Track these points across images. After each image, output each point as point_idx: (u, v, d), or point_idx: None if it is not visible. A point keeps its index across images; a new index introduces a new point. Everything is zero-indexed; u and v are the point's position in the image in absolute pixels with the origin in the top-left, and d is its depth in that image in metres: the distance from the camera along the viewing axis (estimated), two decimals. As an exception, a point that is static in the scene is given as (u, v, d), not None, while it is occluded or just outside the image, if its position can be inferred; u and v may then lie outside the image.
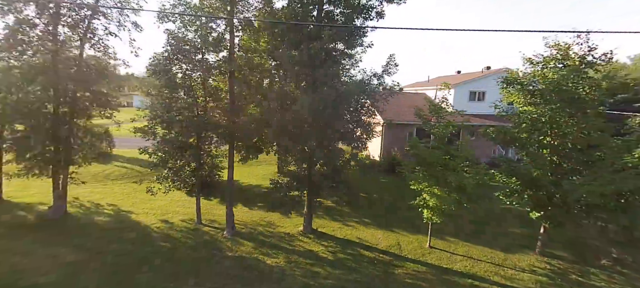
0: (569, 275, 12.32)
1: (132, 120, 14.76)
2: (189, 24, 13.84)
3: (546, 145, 12.61)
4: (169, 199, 18.02)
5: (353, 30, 12.83)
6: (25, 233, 13.77)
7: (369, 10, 13.31)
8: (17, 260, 11.73)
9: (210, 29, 13.77)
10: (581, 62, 11.39)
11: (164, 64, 13.91)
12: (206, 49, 14.00)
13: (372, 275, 12.06)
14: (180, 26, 13.84)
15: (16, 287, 10.34)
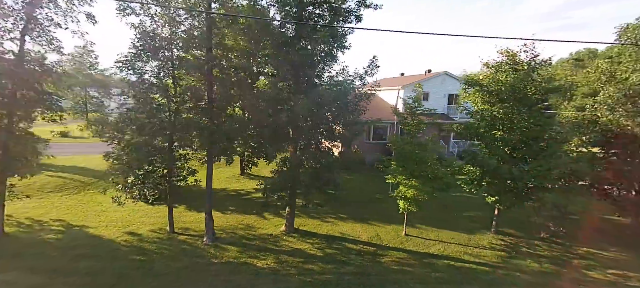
0: (521, 248, 14.56)
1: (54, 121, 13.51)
2: (157, 17, 12.83)
3: (500, 138, 14.68)
4: (128, 210, 16.35)
5: (336, 33, 13.26)
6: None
7: (349, 14, 13.94)
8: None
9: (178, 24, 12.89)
10: (528, 67, 13.57)
11: (132, 61, 12.70)
12: (175, 44, 13.11)
13: (363, 266, 12.71)
14: (148, 19, 12.72)
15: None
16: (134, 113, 13.00)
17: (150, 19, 12.80)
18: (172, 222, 14.65)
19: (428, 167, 13.72)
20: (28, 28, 12.47)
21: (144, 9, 12.57)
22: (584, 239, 15.17)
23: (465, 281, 12.00)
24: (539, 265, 13.18)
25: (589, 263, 13.40)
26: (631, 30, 14.94)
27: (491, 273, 12.54)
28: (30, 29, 12.59)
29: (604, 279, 12.28)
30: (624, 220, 16.78)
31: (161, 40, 12.63)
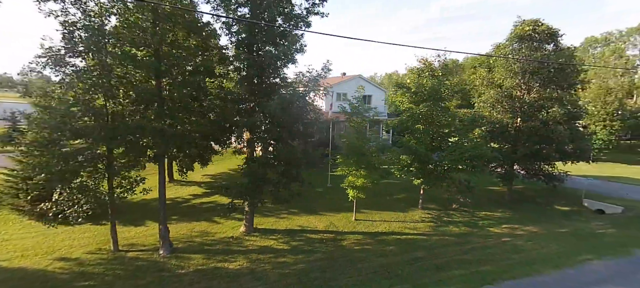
0: (442, 218, 18.03)
1: None
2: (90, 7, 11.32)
3: (423, 130, 17.86)
4: (38, 235, 13.81)
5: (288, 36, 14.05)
6: None
7: (298, 19, 14.90)
8: None
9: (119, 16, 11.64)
10: (442, 73, 17.02)
11: (61, 56, 10.91)
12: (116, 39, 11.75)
13: (329, 251, 13.89)
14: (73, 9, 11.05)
15: None
16: (68, 118, 11.10)
17: (80, 10, 11.16)
18: (115, 239, 13.00)
19: (374, 158, 15.82)
20: None
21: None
22: (482, 205, 19.76)
23: (411, 249, 14.38)
24: (458, 229, 16.70)
25: (489, 222, 17.64)
26: (502, 47, 20.17)
27: (428, 240, 15.32)
28: None
29: (501, 232, 16.44)
30: (503, 188, 22.38)
31: (97, 34, 11.10)
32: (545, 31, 18.89)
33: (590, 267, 11.74)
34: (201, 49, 13.59)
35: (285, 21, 14.30)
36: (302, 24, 14.85)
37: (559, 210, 20.39)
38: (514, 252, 13.72)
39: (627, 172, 32.82)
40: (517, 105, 19.76)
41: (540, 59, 18.39)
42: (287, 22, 14.33)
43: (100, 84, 11.12)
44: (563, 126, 18.24)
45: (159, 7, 11.79)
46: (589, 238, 15.30)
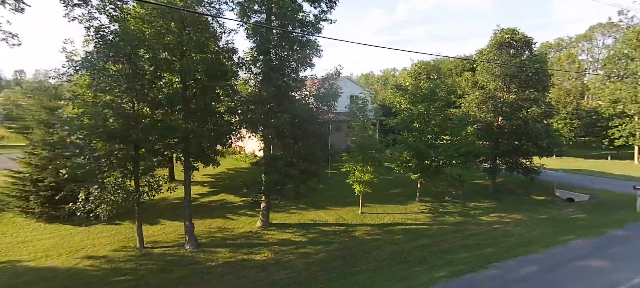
0: (438, 209, 19.67)
1: None
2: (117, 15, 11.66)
3: (420, 129, 19.40)
4: (55, 236, 13.81)
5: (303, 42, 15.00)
6: None
7: (308, 26, 15.87)
8: None
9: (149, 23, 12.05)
10: (437, 76, 18.65)
11: (97, 61, 11.18)
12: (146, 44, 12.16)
13: (344, 242, 14.97)
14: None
15: None
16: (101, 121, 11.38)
17: (108, 16, 11.46)
18: (141, 236, 13.30)
19: (380, 155, 17.11)
20: None
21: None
22: (470, 197, 21.69)
23: (417, 237, 15.79)
24: (454, 218, 18.38)
25: (479, 211, 19.51)
26: (484, 53, 22.22)
27: (430, 229, 16.82)
28: None
29: (491, 220, 18.30)
30: (486, 181, 24.54)
31: (130, 40, 11.44)
32: (522, 39, 21.16)
33: (573, 245, 13.70)
34: (223, 54, 14.17)
35: (299, 27, 15.22)
36: (313, 29, 15.89)
37: (536, 199, 22.81)
38: (506, 237, 15.51)
39: (585, 165, 36.68)
40: (499, 106, 21.90)
41: (517, 64, 20.57)
42: (299, 27, 15.25)
43: (133, 88, 11.48)
44: (540, 124, 20.58)
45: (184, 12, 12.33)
46: (566, 223, 17.50)
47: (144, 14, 11.91)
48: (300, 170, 14.04)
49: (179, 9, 11.51)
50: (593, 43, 70.56)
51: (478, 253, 13.14)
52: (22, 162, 15.02)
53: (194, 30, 12.38)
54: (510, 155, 21.89)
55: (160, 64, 11.70)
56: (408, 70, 19.74)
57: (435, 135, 19.34)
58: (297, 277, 11.83)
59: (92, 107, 11.46)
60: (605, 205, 20.96)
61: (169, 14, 11.79)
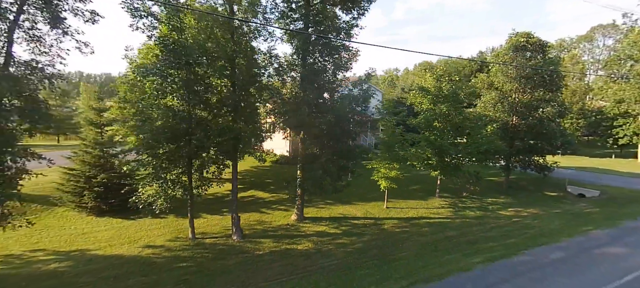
0: (458, 204, 20.77)
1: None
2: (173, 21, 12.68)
3: (438, 127, 20.46)
4: (101, 228, 14.95)
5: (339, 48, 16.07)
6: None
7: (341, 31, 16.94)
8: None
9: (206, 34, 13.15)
10: (460, 80, 19.72)
11: (160, 67, 12.25)
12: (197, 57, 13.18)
13: (376, 233, 16.04)
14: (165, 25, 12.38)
15: None
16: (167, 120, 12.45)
17: (169, 27, 12.49)
18: (193, 228, 14.38)
19: (406, 152, 18.19)
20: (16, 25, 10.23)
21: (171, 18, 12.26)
22: (486, 193, 22.77)
23: (443, 230, 16.84)
24: (474, 213, 19.45)
25: (497, 206, 20.59)
26: (500, 55, 23.29)
27: (453, 222, 17.89)
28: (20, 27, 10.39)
29: (509, 214, 19.38)
30: (500, 178, 25.63)
31: (192, 49, 12.49)
32: (537, 43, 22.24)
33: (593, 235, 14.80)
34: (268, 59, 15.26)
35: (334, 32, 16.29)
36: (345, 35, 16.97)
37: (549, 195, 23.89)
38: (527, 229, 16.58)
39: (591, 163, 37.78)
40: (514, 106, 22.98)
41: (533, 66, 21.66)
42: (335, 33, 16.32)
43: (193, 91, 12.56)
44: (554, 123, 21.69)
45: (233, 21, 13.43)
46: (581, 216, 18.59)
47: (205, 26, 12.99)
48: (338, 166, 15.09)
49: (242, 20, 12.57)
50: (594, 44, 71.78)
51: (505, 243, 14.22)
52: (77, 160, 16.07)
53: (246, 39, 13.45)
54: (525, 153, 22.97)
55: (220, 70, 12.75)
56: (411, 70, 20.76)
57: (456, 133, 20.42)
58: (340, 263, 12.87)
59: (156, 110, 12.54)
60: (615, 200, 22.04)
61: (224, 24, 12.85)
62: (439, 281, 10.46)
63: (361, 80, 16.40)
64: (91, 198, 15.63)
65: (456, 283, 10.22)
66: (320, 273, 12.00)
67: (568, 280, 10.30)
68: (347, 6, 16.39)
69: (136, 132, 12.57)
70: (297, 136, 15.61)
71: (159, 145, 12.40)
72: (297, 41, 15.40)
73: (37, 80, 10.42)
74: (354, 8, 16.54)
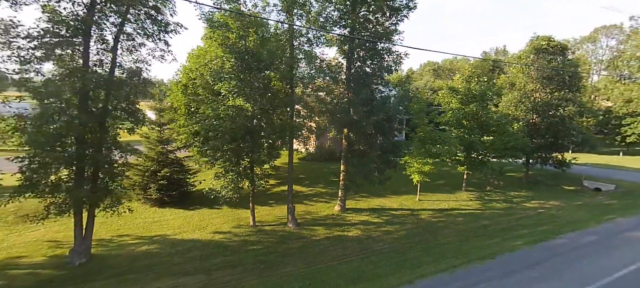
0: (484, 197, 22.17)
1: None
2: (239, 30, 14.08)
3: (465, 125, 21.86)
4: (167, 217, 16.46)
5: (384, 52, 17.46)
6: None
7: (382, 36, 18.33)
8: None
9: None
10: (487, 81, 21.11)
11: (234, 71, 13.68)
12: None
13: (415, 222, 17.44)
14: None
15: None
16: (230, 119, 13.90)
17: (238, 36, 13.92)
18: (254, 216, 15.82)
19: (438, 148, 19.59)
20: (121, 35, 11.63)
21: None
22: (507, 187, 24.18)
23: (476, 219, 18.18)
24: (501, 205, 20.85)
25: (521, 199, 21.99)
26: (522, 57, 24.66)
27: (483, 213, 19.28)
28: (126, 38, 11.79)
29: (534, 206, 20.78)
30: (519, 174, 27.04)
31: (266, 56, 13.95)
32: (557, 46, 23.62)
33: (619, 222, 16.26)
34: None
35: (375, 37, 17.70)
36: (386, 39, 18.35)
37: (566, 189, 25.29)
38: (554, 218, 17.98)
39: (601, 160, 39.14)
40: (536, 105, 24.38)
41: (554, 67, 23.05)
42: (376, 38, 17.72)
43: (262, 93, 14.04)
44: (575, 121, 23.09)
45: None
46: (602, 207, 19.99)
47: (275, 35, 14.46)
48: (384, 161, 16.51)
49: (309, 27, 13.98)
50: (597, 45, 73.12)
51: (538, 229, 15.62)
52: (142, 156, 17.50)
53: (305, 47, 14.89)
54: (545, 149, 24.37)
55: (286, 74, 14.18)
56: (417, 70, 22.12)
57: (483, 131, 21.81)
58: (390, 248, 14.27)
59: (225, 110, 13.96)
60: (631, 193, 23.44)
61: (287, 33, 14.28)
62: (491, 259, 11.87)
63: (402, 80, 17.80)
64: (155, 190, 17.04)
65: (508, 260, 11.65)
66: (376, 255, 13.41)
67: (606, 259, 11.73)
68: (387, 15, 17.78)
69: (210, 130, 13.94)
70: (340, 134, 16.96)
71: (231, 142, 13.81)
72: (344, 46, 16.82)
73: (136, 84, 11.81)
74: (392, 16, 17.94)
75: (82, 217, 11.42)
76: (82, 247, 11.43)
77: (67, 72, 10.27)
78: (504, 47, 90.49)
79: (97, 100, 11.13)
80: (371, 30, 17.25)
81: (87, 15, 10.31)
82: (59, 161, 10.16)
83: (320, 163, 28.71)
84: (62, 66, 10.34)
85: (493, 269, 11.00)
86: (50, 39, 9.73)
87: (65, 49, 10.08)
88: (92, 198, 10.98)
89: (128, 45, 11.62)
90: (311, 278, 11.18)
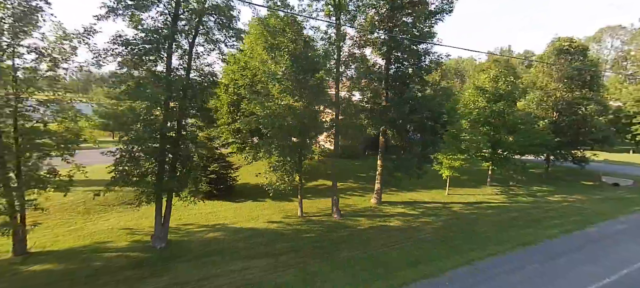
0: (508, 192, 23.23)
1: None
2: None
3: (491, 123, 22.89)
4: (217, 209, 17.68)
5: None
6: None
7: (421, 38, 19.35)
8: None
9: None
10: (514, 81, 22.13)
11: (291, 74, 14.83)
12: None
13: (450, 214, 18.51)
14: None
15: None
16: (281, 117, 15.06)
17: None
18: (301, 207, 16.96)
19: (469, 143, 20.68)
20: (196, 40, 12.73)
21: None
22: (528, 183, 25.23)
23: (505, 212, 19.19)
24: (526, 199, 21.91)
25: (544, 193, 23.04)
26: (544, 57, 25.64)
27: (511, 206, 20.32)
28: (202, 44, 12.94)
29: (558, 200, 21.82)
30: (537, 170, 28.07)
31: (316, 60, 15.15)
32: (579, 47, 24.59)
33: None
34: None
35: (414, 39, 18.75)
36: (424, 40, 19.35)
37: (585, 184, 26.31)
38: (580, 210, 19.03)
39: (615, 157, 40.15)
40: (558, 104, 25.39)
41: (576, 67, 24.03)
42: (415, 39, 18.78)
43: (314, 93, 15.18)
44: (596, 119, 24.11)
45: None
46: (624, 200, 21.03)
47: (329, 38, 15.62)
48: (423, 156, 17.62)
49: (361, 29, 15.07)
50: (602, 44, 73.81)
51: (569, 220, 16.70)
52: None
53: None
54: (566, 146, 25.41)
55: (333, 75, 15.32)
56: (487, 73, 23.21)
57: (508, 129, 22.86)
58: (432, 236, 15.35)
59: (276, 108, 15.10)
60: (649, 189, 24.50)
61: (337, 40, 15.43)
62: (534, 245, 12.97)
63: (440, 79, 18.85)
64: (205, 184, 18.20)
65: (550, 246, 12.75)
66: (422, 243, 14.50)
67: (638, 246, 12.80)
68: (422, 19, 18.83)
69: (265, 127, 15.07)
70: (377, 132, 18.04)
71: (287, 137, 14.96)
72: (382, 48, 17.90)
73: (207, 85, 12.97)
74: (427, 19, 18.98)
75: (162, 205, 12.59)
76: (162, 233, 12.60)
77: (153, 76, 11.42)
78: (508, 47, 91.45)
79: (176, 100, 12.28)
80: (409, 33, 18.30)
81: (173, 26, 11.44)
82: (148, 155, 11.31)
83: (343, 160, 29.69)
84: (146, 71, 11.52)
85: (539, 253, 12.11)
86: (144, 46, 10.87)
87: (155, 55, 11.22)
88: (178, 188, 12.15)
89: (200, 51, 12.76)
90: (372, 261, 12.33)
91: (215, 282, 10.61)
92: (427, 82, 18.53)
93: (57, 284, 10.17)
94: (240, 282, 10.53)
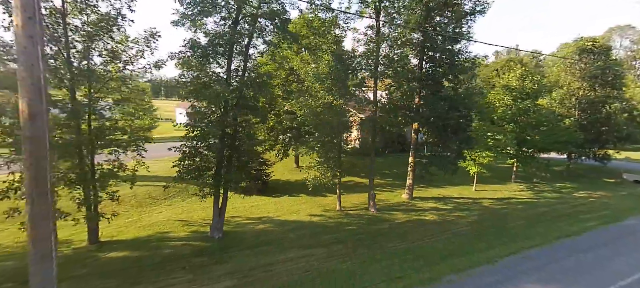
0: (534, 188, 23.74)
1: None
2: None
3: (518, 121, 23.43)
4: (256, 204, 18.37)
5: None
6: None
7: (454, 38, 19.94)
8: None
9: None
10: (541, 80, 22.64)
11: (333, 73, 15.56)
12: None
13: (481, 209, 19.12)
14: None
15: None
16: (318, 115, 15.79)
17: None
18: (340, 201, 17.71)
19: (495, 140, 21.25)
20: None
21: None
22: (552, 179, 25.72)
23: (534, 207, 19.76)
24: (551, 195, 22.43)
25: (568, 190, 23.53)
26: (568, 56, 26.06)
27: (538, 202, 20.86)
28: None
29: (583, 196, 22.30)
30: (559, 167, 28.55)
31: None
32: (602, 47, 25.00)
33: (671, 209, 17.85)
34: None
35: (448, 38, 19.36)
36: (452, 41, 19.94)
37: (607, 181, 26.73)
38: (607, 206, 19.53)
39: (634, 155, 40.32)
40: (581, 102, 25.83)
41: (600, 67, 24.46)
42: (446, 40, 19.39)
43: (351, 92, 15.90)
44: (619, 117, 24.54)
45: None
46: (648, 197, 21.50)
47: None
48: (457, 153, 18.28)
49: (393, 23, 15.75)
50: (612, 44, 73.69)
51: (599, 215, 17.26)
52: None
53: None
54: (589, 144, 25.87)
55: (373, 75, 16.04)
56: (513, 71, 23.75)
57: (534, 127, 23.39)
58: (467, 229, 16.00)
59: (316, 106, 15.84)
60: (672, 186, 24.87)
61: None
62: (569, 238, 13.61)
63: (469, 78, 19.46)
64: (246, 180, 18.99)
65: (591, 237, 13.38)
66: (459, 236, 15.16)
67: (671, 237, 13.38)
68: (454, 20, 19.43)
69: (307, 124, 15.84)
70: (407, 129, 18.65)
71: (329, 134, 15.70)
72: (417, 47, 18.54)
73: (260, 84, 13.75)
74: (460, 20, 19.57)
75: (219, 198, 13.40)
76: (219, 224, 13.41)
77: (216, 77, 12.22)
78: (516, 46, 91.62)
79: (235, 98, 13.08)
80: (442, 33, 18.91)
81: (234, 30, 12.22)
82: (210, 150, 12.12)
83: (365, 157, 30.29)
84: (209, 72, 12.33)
85: (580, 244, 12.74)
86: (212, 49, 11.68)
87: (219, 57, 12.03)
88: (236, 181, 12.96)
89: (253, 53, 13.56)
90: (413, 252, 13.01)
91: (275, 268, 11.38)
92: (461, 80, 19.11)
93: (131, 269, 11.01)
94: (301, 268, 11.30)
